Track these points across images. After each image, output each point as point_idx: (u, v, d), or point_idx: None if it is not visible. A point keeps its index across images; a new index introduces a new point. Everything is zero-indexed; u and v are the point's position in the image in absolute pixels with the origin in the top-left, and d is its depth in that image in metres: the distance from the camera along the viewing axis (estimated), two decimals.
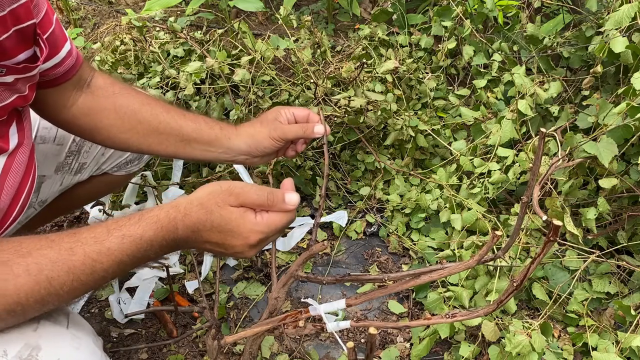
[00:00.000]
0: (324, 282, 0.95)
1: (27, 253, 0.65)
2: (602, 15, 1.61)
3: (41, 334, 0.68)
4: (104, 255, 0.67)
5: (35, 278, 0.63)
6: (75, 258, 0.66)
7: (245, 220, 0.73)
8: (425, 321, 0.84)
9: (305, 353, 1.37)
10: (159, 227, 0.71)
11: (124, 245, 0.69)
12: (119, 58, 1.93)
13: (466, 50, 1.93)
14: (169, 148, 1.04)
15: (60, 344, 0.69)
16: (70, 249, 0.66)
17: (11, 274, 0.63)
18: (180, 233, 0.71)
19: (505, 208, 1.67)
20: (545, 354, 1.25)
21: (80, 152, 1.14)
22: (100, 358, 0.73)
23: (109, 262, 0.68)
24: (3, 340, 0.65)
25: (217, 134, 1.03)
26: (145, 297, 1.47)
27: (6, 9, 0.73)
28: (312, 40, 1.86)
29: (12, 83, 0.79)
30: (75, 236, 0.68)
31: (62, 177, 1.14)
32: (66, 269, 0.65)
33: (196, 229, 0.72)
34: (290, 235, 1.69)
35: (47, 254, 0.65)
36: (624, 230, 1.46)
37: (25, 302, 0.64)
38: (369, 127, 1.77)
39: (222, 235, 0.72)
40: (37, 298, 0.64)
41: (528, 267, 0.72)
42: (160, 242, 0.71)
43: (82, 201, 1.40)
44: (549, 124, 1.69)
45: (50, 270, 0.64)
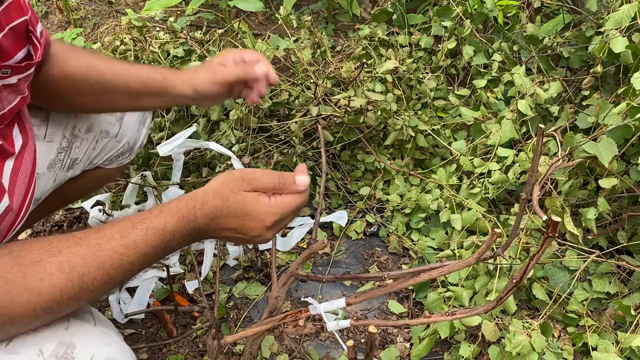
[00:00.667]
0: (324, 280, 0.95)
1: (57, 252, 0.66)
2: (602, 15, 1.61)
3: (73, 332, 0.70)
4: (130, 249, 0.70)
5: (68, 275, 0.66)
6: (103, 253, 0.68)
7: (260, 203, 0.75)
8: (425, 319, 0.84)
9: (305, 353, 1.37)
10: (179, 217, 0.73)
11: (149, 237, 0.71)
12: (119, 58, 1.93)
13: (466, 50, 1.93)
14: (120, 105, 1.08)
15: (92, 341, 0.71)
16: (98, 244, 0.68)
17: (45, 272, 0.64)
18: (199, 222, 0.74)
19: (505, 208, 1.67)
20: (545, 354, 1.25)
21: (72, 147, 1.14)
22: (129, 353, 0.76)
23: (135, 255, 0.70)
24: (37, 340, 0.67)
25: (162, 84, 1.06)
26: (145, 297, 1.47)
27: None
28: (312, 40, 1.87)
29: (16, 84, 0.80)
30: (101, 232, 0.70)
31: (55, 174, 1.14)
32: (96, 264, 0.67)
33: (214, 216, 0.74)
34: (290, 235, 1.69)
35: (77, 251, 0.67)
36: (624, 230, 1.46)
37: (60, 299, 0.66)
38: (369, 127, 1.77)
39: (239, 220, 0.74)
40: (70, 295, 0.66)
41: (527, 263, 0.72)
42: (182, 232, 0.73)
43: (76, 196, 1.41)
44: (549, 124, 1.69)
45: (81, 267, 0.66)
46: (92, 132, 1.16)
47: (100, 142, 1.19)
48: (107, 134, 1.19)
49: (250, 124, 1.72)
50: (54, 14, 2.89)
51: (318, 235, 1.72)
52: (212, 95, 1.07)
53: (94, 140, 1.17)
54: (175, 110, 1.77)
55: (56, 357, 0.66)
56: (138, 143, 1.30)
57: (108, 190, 1.80)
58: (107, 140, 1.19)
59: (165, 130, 1.77)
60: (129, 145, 1.28)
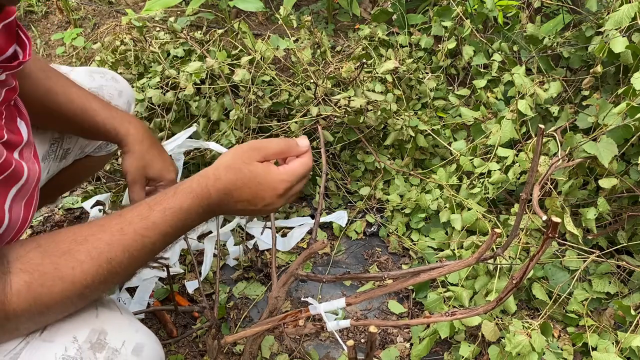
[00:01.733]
0: (324, 280, 0.95)
1: (84, 240, 0.69)
2: (602, 15, 1.61)
3: (103, 319, 0.73)
4: (150, 230, 0.73)
5: (97, 261, 0.69)
6: (127, 237, 0.71)
7: (271, 171, 0.78)
8: (425, 320, 0.84)
9: (305, 353, 1.37)
10: (194, 195, 0.75)
11: (167, 218, 0.74)
12: (119, 58, 1.93)
13: (466, 50, 1.93)
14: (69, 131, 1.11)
15: (122, 327, 0.75)
16: (121, 229, 0.71)
17: (76, 261, 0.67)
18: (213, 198, 0.76)
19: (505, 208, 1.67)
20: (545, 354, 1.25)
21: (63, 138, 1.15)
22: (154, 339, 0.79)
23: (156, 236, 0.73)
24: (71, 327, 0.70)
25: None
26: (145, 297, 1.47)
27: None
28: (312, 40, 1.87)
29: (5, 80, 0.80)
30: (121, 217, 0.73)
31: (48, 166, 1.15)
32: (121, 248, 0.70)
33: (228, 190, 0.76)
34: (290, 235, 1.69)
35: (102, 238, 0.70)
36: (624, 230, 1.46)
37: (92, 285, 0.69)
38: (369, 127, 1.77)
39: (252, 190, 0.77)
40: (101, 279, 0.69)
41: (527, 264, 0.72)
42: (197, 209, 0.76)
43: (67, 186, 1.43)
44: (549, 124, 1.69)
45: (108, 252, 0.69)
46: None
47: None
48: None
49: (250, 124, 1.72)
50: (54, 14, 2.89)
51: (318, 235, 1.72)
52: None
53: None
54: (175, 110, 1.77)
55: (90, 343, 0.69)
56: None
57: (108, 190, 1.80)
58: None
59: (165, 130, 1.77)
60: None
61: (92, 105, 1.07)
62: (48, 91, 1.04)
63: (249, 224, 1.70)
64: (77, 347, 0.68)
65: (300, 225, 1.72)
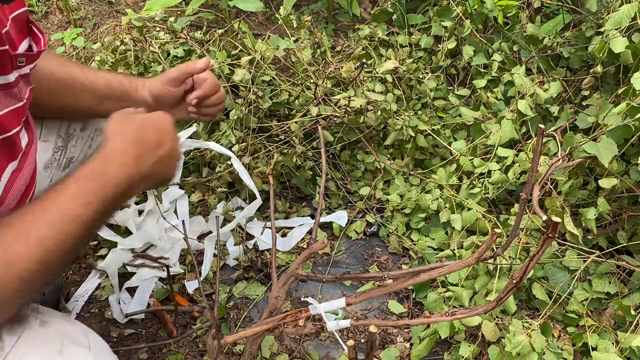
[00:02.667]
0: (324, 280, 0.96)
1: (7, 225, 0.69)
2: (602, 15, 1.61)
3: (67, 356, 0.71)
4: (71, 201, 0.73)
5: (27, 243, 0.68)
6: (49, 213, 0.71)
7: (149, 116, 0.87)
8: (425, 319, 0.84)
9: (305, 353, 1.37)
10: (96, 157, 0.79)
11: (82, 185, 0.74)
12: (119, 58, 1.93)
13: (466, 50, 1.93)
14: (85, 106, 1.11)
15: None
16: (42, 208, 0.71)
17: (5, 244, 0.67)
18: (109, 153, 0.79)
19: (505, 208, 1.67)
20: (545, 354, 1.25)
21: (67, 146, 1.15)
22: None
23: (78, 206, 0.73)
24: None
25: (126, 88, 1.12)
26: (145, 297, 1.47)
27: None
28: (312, 40, 1.87)
29: (27, 74, 0.82)
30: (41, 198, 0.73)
31: (52, 174, 1.14)
32: (48, 225, 0.70)
33: (113, 140, 0.81)
34: (290, 235, 1.69)
35: (26, 219, 0.70)
36: (624, 230, 1.46)
37: (30, 267, 0.68)
38: (369, 127, 1.77)
39: (126, 128, 0.84)
40: (38, 260, 0.68)
41: (527, 264, 0.72)
42: (104, 169, 0.77)
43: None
44: (549, 124, 1.69)
45: (36, 232, 0.69)
46: (87, 130, 1.17)
47: (95, 140, 1.20)
48: (102, 132, 1.20)
49: (250, 124, 1.72)
50: (54, 14, 2.89)
51: (318, 235, 1.72)
52: (163, 96, 1.13)
53: (89, 138, 1.18)
54: None
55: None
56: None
57: None
58: (102, 138, 1.20)
59: None
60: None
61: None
62: (59, 64, 1.09)
63: (249, 224, 1.70)
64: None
65: (300, 225, 1.72)
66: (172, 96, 1.13)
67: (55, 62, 1.07)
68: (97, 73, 1.11)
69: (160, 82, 1.12)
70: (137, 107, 1.14)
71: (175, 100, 1.14)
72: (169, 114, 0.90)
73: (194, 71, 1.11)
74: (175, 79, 1.11)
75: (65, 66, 1.08)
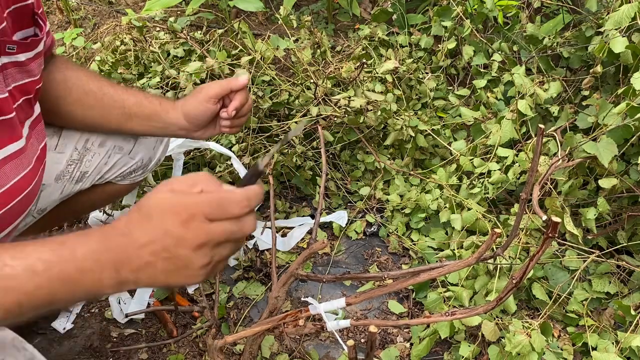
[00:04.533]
0: (324, 280, 0.95)
1: None
2: (602, 15, 1.61)
3: None
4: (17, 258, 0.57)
5: None
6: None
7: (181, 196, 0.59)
8: (425, 319, 0.84)
9: (305, 353, 1.37)
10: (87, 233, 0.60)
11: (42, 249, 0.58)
12: (119, 58, 1.93)
13: (466, 50, 1.93)
14: (112, 122, 1.07)
15: None
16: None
17: None
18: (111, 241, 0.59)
19: (505, 208, 1.67)
20: (545, 354, 1.25)
21: (82, 160, 1.13)
22: None
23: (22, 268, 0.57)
24: None
25: (156, 108, 1.07)
26: (145, 297, 1.47)
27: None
28: (312, 40, 1.87)
29: (24, 62, 0.81)
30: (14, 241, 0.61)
31: (63, 186, 1.12)
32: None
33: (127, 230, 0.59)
34: (290, 235, 1.69)
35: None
36: (624, 230, 1.46)
37: None
38: (369, 127, 1.77)
39: (153, 223, 0.58)
40: None
41: (527, 263, 0.72)
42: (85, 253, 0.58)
43: (84, 209, 1.37)
44: (549, 124, 1.69)
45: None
46: (105, 146, 1.14)
47: (112, 157, 1.17)
48: (120, 150, 1.17)
49: (250, 124, 1.72)
50: (54, 14, 2.89)
51: (318, 235, 1.72)
52: (202, 114, 1.06)
53: (107, 155, 1.15)
54: None
55: None
56: (154, 161, 1.26)
57: None
58: (120, 156, 1.18)
59: None
60: (143, 162, 1.23)
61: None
62: (90, 76, 1.07)
63: None
64: None
65: (300, 225, 1.72)
66: (209, 113, 1.07)
67: (85, 74, 1.06)
68: (128, 90, 1.08)
69: (198, 100, 1.05)
70: (166, 129, 1.08)
71: (211, 117, 1.08)
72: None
73: (236, 87, 1.05)
74: (217, 95, 1.05)
75: (97, 80, 1.06)
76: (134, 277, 0.59)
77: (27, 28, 0.83)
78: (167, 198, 0.58)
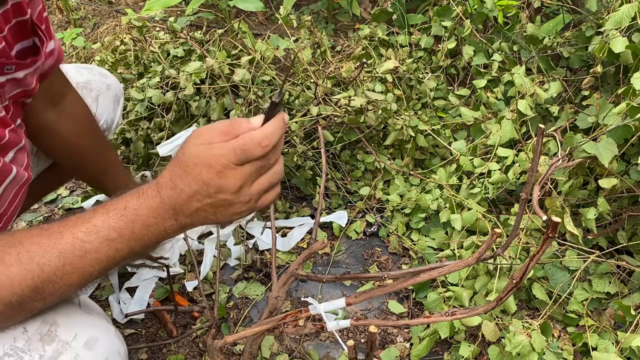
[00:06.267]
0: (324, 280, 0.95)
1: (18, 243, 0.64)
2: (602, 15, 1.61)
3: (57, 311, 0.70)
4: (92, 234, 0.64)
5: (27, 266, 0.62)
6: (64, 241, 0.64)
7: (210, 148, 0.64)
8: (425, 319, 0.84)
9: (305, 353, 1.37)
10: (140, 193, 0.67)
11: (110, 220, 0.65)
12: (119, 58, 1.93)
13: (466, 50, 1.93)
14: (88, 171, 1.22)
15: (75, 320, 0.71)
16: (59, 232, 0.65)
17: (3, 265, 0.62)
18: (163, 195, 0.66)
19: (505, 208, 1.67)
20: (545, 354, 1.25)
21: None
22: (114, 335, 0.75)
23: (98, 241, 0.64)
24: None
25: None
26: (145, 297, 1.46)
27: (9, 2, 0.76)
28: (312, 40, 1.87)
29: (22, 78, 0.81)
30: (64, 221, 0.66)
31: (38, 158, 1.15)
32: (57, 253, 0.63)
33: (173, 184, 0.65)
34: (290, 235, 1.69)
35: (38, 241, 0.64)
36: (624, 230, 1.46)
37: (20, 293, 0.63)
38: (369, 127, 1.77)
39: (193, 175, 0.64)
40: (31, 287, 0.63)
41: (527, 263, 0.72)
42: (146, 211, 0.66)
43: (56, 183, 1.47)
44: (549, 124, 1.69)
45: (41, 257, 0.63)
46: None
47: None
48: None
49: None
50: (54, 14, 2.89)
51: (318, 235, 1.72)
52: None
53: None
54: (175, 110, 1.77)
55: (40, 335, 0.67)
56: (115, 122, 1.36)
57: None
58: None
59: (165, 130, 1.77)
60: (107, 125, 1.33)
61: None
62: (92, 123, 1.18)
63: (249, 224, 1.70)
64: (27, 339, 0.66)
65: (300, 225, 1.72)
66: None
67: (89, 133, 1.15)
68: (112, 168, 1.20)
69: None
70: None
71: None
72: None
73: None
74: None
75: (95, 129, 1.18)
76: (190, 220, 0.67)
77: (26, 39, 0.83)
78: (199, 151, 0.65)
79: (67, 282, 0.65)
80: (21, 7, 0.79)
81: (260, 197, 0.69)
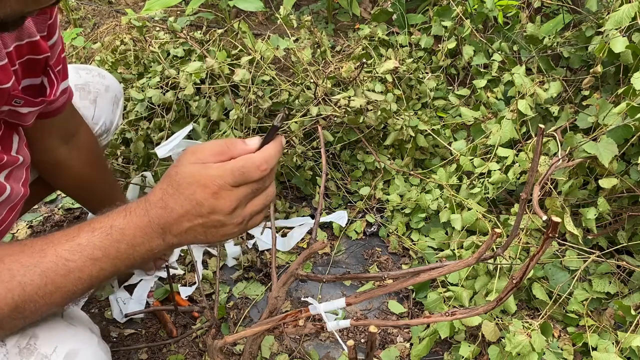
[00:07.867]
0: (324, 280, 0.95)
1: (5, 259, 0.62)
2: (602, 15, 1.61)
3: (37, 323, 0.68)
4: (76, 253, 0.63)
5: (7, 285, 0.61)
6: (47, 259, 0.63)
7: (206, 168, 0.64)
8: (425, 319, 0.84)
9: (305, 353, 1.37)
10: (128, 212, 0.65)
11: (95, 238, 0.64)
12: (118, 58, 1.93)
13: (466, 50, 1.93)
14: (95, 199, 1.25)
15: (56, 332, 0.69)
16: (42, 250, 0.63)
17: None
18: (152, 214, 0.65)
19: (505, 208, 1.67)
20: (545, 354, 1.25)
21: None
22: (97, 345, 0.73)
23: (82, 260, 0.63)
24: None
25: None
26: (144, 295, 1.46)
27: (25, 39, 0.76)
28: (312, 40, 1.86)
29: (23, 114, 0.80)
30: (48, 238, 0.65)
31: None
32: (39, 271, 0.62)
33: (163, 203, 0.64)
34: (290, 235, 1.69)
35: (20, 259, 0.62)
36: (624, 230, 1.46)
37: (1, 312, 0.61)
38: (369, 127, 1.77)
39: (186, 195, 0.63)
40: (11, 306, 0.62)
41: (527, 264, 0.72)
42: (134, 230, 0.65)
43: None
44: (549, 124, 1.69)
45: (22, 276, 0.62)
46: None
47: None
48: (84, 118, 1.20)
49: (250, 124, 1.72)
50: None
51: (318, 235, 1.72)
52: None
53: None
54: (175, 110, 1.77)
55: (19, 348, 0.65)
56: (114, 123, 1.35)
57: None
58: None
59: (165, 130, 1.77)
60: (106, 127, 1.32)
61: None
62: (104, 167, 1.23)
63: None
64: (4, 352, 0.64)
65: (300, 225, 1.72)
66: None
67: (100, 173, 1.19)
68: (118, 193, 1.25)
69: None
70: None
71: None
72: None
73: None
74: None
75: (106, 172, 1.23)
76: (177, 240, 0.66)
77: (35, 77, 0.81)
78: (194, 170, 0.64)
79: (49, 301, 0.64)
80: (37, 46, 0.78)
81: (252, 218, 0.70)
